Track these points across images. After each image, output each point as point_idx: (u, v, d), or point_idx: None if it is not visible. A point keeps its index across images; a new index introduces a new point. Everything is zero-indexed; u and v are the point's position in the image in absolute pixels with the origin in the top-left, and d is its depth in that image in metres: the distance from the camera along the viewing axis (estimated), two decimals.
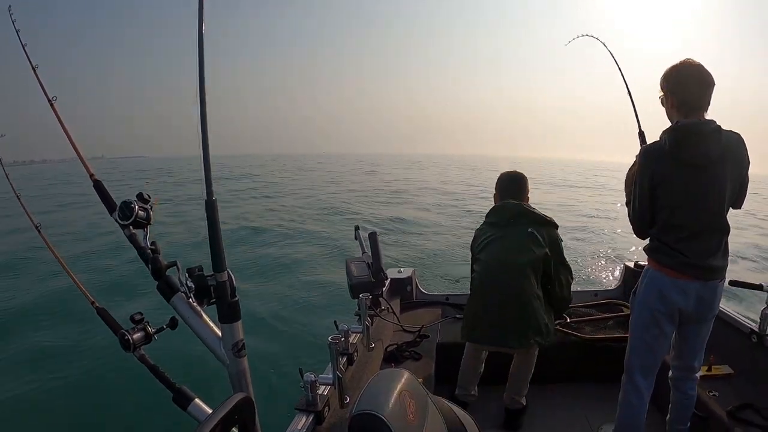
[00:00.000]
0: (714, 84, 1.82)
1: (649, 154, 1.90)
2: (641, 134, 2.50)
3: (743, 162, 1.85)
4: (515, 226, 2.44)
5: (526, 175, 2.70)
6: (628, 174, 2.14)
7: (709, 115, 1.84)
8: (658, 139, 1.90)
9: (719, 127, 1.80)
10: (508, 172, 2.66)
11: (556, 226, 2.51)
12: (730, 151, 1.81)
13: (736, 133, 1.83)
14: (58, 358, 6.04)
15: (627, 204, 2.08)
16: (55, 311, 7.70)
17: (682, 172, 1.81)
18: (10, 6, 1.41)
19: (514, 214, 2.47)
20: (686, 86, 1.83)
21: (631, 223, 2.04)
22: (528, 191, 2.62)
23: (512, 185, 2.60)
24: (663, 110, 1.95)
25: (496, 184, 2.64)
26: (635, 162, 2.05)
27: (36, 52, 1.40)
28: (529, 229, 2.40)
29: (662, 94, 1.93)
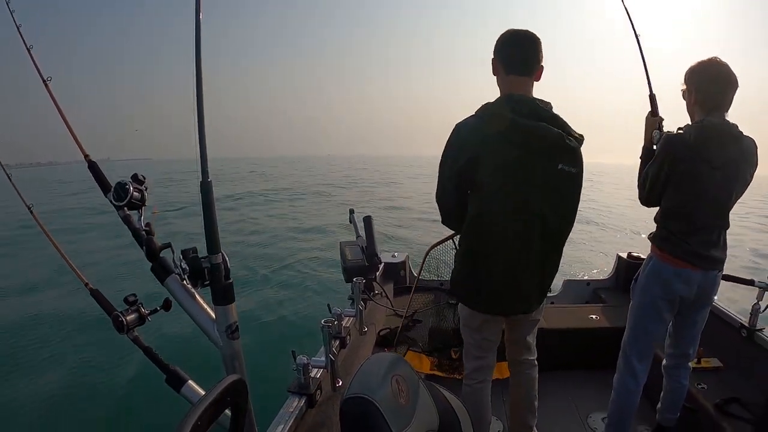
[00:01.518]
0: (737, 85, 1.85)
1: (672, 144, 1.91)
2: (652, 98, 2.15)
3: (754, 167, 1.92)
4: (539, 155, 1.63)
5: None
6: (644, 145, 2.13)
7: None
8: (682, 130, 1.91)
9: (741, 133, 1.85)
10: (516, 30, 1.70)
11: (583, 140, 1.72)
12: (747, 156, 1.88)
13: (752, 139, 1.89)
14: (52, 341, 6.06)
15: (639, 173, 2.09)
16: (48, 291, 7.70)
17: (700, 169, 1.85)
18: None
19: (545, 141, 1.62)
20: (711, 85, 1.86)
21: (639, 192, 2.07)
22: (542, 58, 1.71)
23: (528, 50, 1.68)
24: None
25: (497, 46, 1.72)
26: (650, 129, 2.09)
27: (40, 53, 1.40)
28: (560, 165, 1.65)
29: (685, 87, 1.95)
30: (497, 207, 1.68)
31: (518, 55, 1.68)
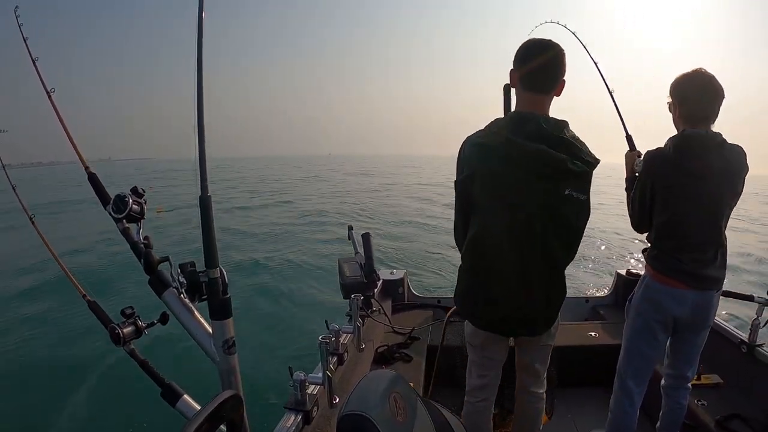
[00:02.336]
0: (723, 96, 1.82)
1: (653, 160, 1.90)
2: (629, 138, 2.21)
3: (742, 175, 1.86)
4: (539, 178, 1.56)
5: None
6: (626, 177, 2.12)
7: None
8: (663, 145, 1.89)
9: (724, 141, 1.81)
10: (537, 41, 1.61)
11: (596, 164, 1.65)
12: (732, 165, 1.83)
13: (738, 146, 1.84)
14: (46, 352, 6.02)
15: (627, 204, 2.07)
16: (45, 303, 7.68)
17: (684, 181, 1.82)
18: (17, 7, 1.43)
19: (546, 164, 1.54)
20: (695, 98, 1.83)
21: (630, 219, 2.05)
22: (565, 72, 1.62)
23: (549, 67, 1.59)
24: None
25: (516, 57, 1.64)
26: (630, 162, 2.08)
27: (38, 49, 1.42)
28: (567, 191, 1.58)
29: (670, 100, 1.93)
30: (493, 223, 1.65)
31: (538, 71, 1.59)
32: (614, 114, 2.31)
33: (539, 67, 1.59)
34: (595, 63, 2.39)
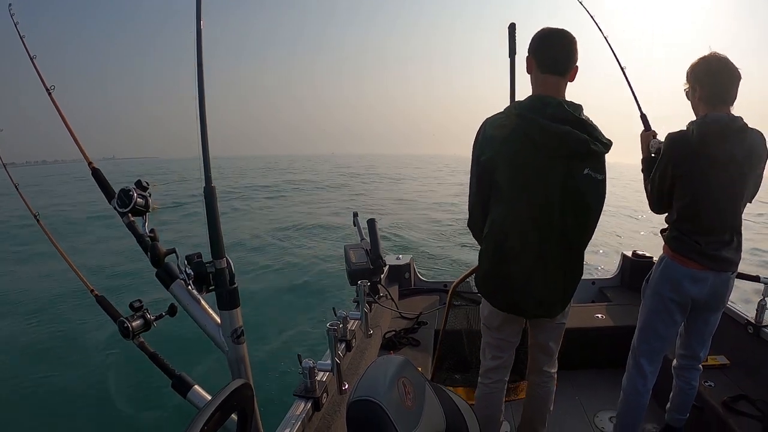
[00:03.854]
0: (740, 77, 1.80)
1: (674, 143, 1.86)
2: (643, 117, 2.21)
3: (763, 160, 1.85)
4: (561, 158, 1.59)
5: None
6: (643, 157, 2.11)
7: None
8: (684, 128, 1.86)
9: (745, 125, 1.79)
10: (552, 28, 1.66)
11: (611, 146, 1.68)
12: (754, 150, 1.81)
13: (759, 131, 1.82)
14: (57, 347, 6.08)
15: (645, 185, 2.05)
16: (54, 299, 7.74)
17: (706, 167, 1.80)
18: (10, 4, 1.42)
19: (568, 145, 1.57)
20: (714, 79, 1.80)
21: (648, 200, 2.03)
22: (578, 58, 1.66)
23: (563, 50, 1.63)
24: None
25: (533, 44, 1.67)
26: (646, 142, 2.07)
27: (37, 46, 1.42)
28: (586, 170, 1.61)
29: (688, 86, 1.90)
30: (516, 205, 1.66)
31: (554, 54, 1.64)
32: (613, 114, 2.28)
33: (557, 49, 1.63)
34: (605, 37, 2.39)
